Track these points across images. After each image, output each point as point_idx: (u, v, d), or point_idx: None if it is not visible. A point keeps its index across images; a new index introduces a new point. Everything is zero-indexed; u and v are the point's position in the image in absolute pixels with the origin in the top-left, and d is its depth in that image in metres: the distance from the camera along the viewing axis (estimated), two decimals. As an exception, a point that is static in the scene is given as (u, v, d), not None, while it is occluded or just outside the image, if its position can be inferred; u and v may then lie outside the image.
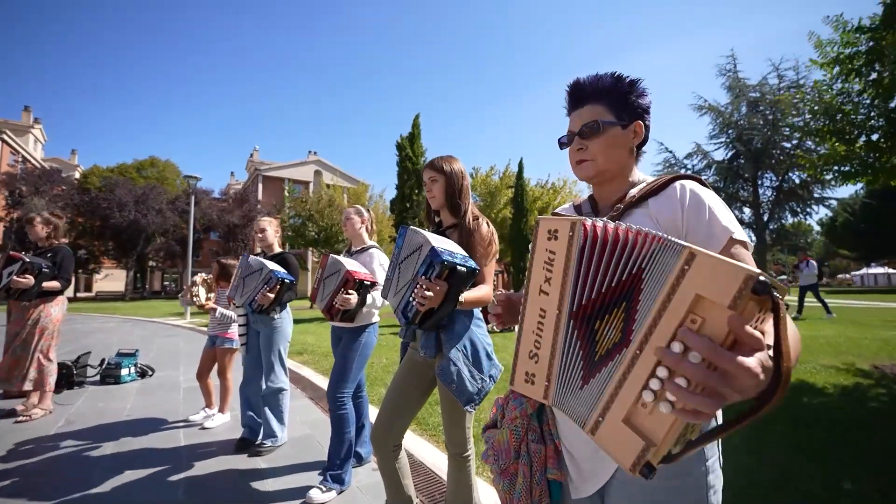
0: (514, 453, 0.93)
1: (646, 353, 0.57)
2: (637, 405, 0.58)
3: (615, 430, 0.59)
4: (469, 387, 1.62)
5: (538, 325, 0.72)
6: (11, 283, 3.29)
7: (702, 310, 0.52)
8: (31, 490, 2.28)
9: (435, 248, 1.46)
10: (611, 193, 0.95)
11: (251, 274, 2.73)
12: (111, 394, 4.31)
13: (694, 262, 0.53)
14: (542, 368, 0.71)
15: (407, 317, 1.56)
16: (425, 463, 2.61)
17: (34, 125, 35.61)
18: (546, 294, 0.71)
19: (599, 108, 0.91)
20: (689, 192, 0.83)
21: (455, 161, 1.87)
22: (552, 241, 0.70)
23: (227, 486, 2.37)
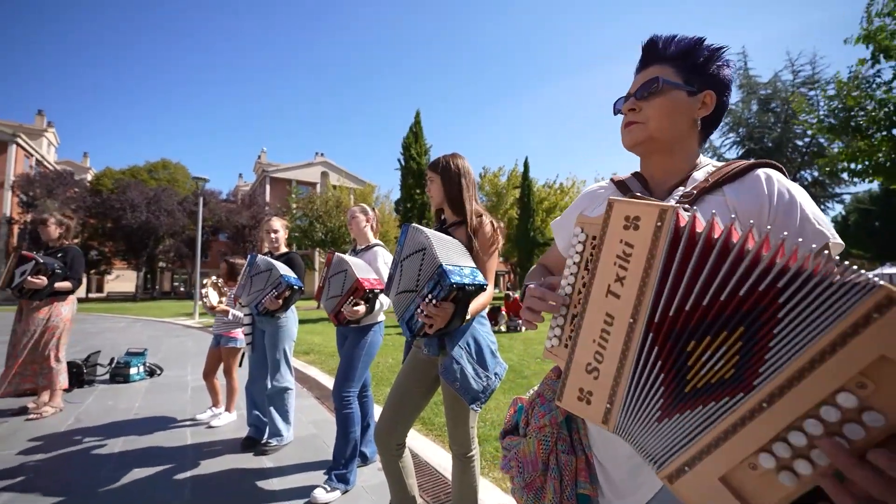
0: (542, 465, 0.84)
1: (777, 411, 0.44)
2: (745, 464, 0.46)
3: (705, 487, 0.49)
4: (474, 385, 1.60)
5: (601, 334, 0.60)
6: (25, 283, 3.34)
7: (878, 373, 0.39)
8: (41, 487, 2.30)
9: (444, 268, 1.41)
10: (664, 171, 0.84)
11: (258, 274, 2.73)
12: (120, 392, 4.36)
13: (889, 312, 0.38)
14: (603, 387, 0.60)
15: (412, 329, 1.55)
16: (431, 463, 2.59)
17: (47, 129, 36.23)
18: (616, 297, 0.59)
19: (667, 69, 0.81)
20: (778, 185, 0.72)
21: (455, 158, 1.84)
22: (630, 230, 0.57)
23: (233, 484, 2.37)
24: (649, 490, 0.72)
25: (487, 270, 1.72)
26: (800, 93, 11.71)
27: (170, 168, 39.71)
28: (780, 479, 0.44)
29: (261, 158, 45.96)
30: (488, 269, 1.73)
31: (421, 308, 1.47)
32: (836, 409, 0.40)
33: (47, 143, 36.02)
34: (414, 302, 1.54)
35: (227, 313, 3.39)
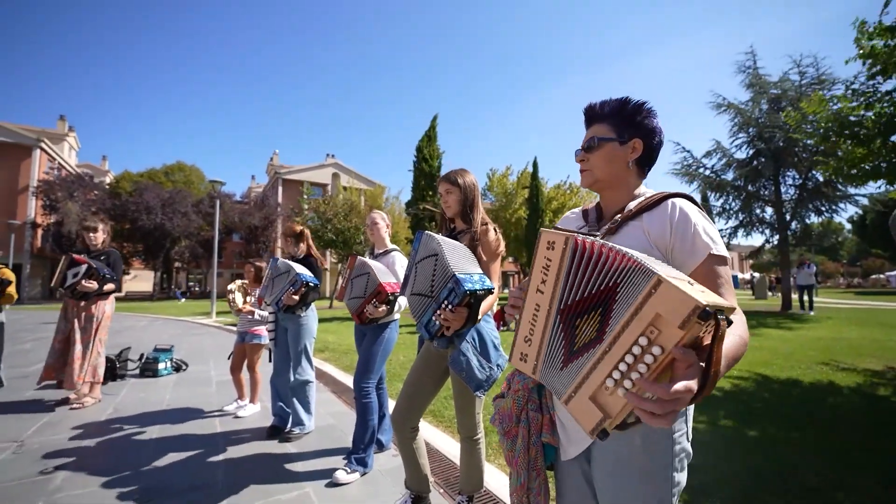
0: (516, 419, 1.11)
1: (614, 350, 0.71)
2: (602, 387, 0.72)
3: (583, 404, 0.75)
4: (478, 374, 1.80)
5: (533, 317, 0.88)
6: (79, 287, 3.66)
7: (660, 324, 0.66)
8: (91, 467, 2.57)
9: (458, 277, 1.60)
10: (613, 202, 1.09)
11: (280, 275, 2.98)
12: (150, 386, 4.66)
13: (660, 287, 0.66)
14: (533, 350, 0.88)
15: (430, 332, 1.74)
16: (440, 450, 2.80)
17: (69, 133, 37.36)
18: (541, 293, 0.86)
19: (603, 127, 1.05)
20: (679, 210, 0.94)
21: (468, 174, 2.06)
22: (550, 250, 0.85)
23: (261, 467, 2.61)
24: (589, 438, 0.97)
25: (493, 273, 1.93)
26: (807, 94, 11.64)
27: (185, 170, 40.63)
28: (619, 392, 0.70)
29: (273, 160, 46.67)
30: (494, 272, 1.94)
31: (439, 313, 1.67)
32: (638, 346, 0.68)
33: (68, 148, 37.12)
34: (430, 307, 1.72)
35: (253, 314, 3.64)
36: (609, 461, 0.96)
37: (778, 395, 4.04)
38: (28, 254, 28.29)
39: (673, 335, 0.64)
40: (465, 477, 1.96)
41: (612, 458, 0.95)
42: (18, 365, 5.66)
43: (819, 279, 28.58)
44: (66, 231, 26.87)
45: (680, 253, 0.93)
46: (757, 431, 3.10)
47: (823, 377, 4.75)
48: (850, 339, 7.50)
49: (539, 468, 1.09)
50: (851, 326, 9.24)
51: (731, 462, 2.60)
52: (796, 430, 3.14)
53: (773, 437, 3.00)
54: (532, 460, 1.07)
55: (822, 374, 4.91)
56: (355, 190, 24.09)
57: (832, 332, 8.32)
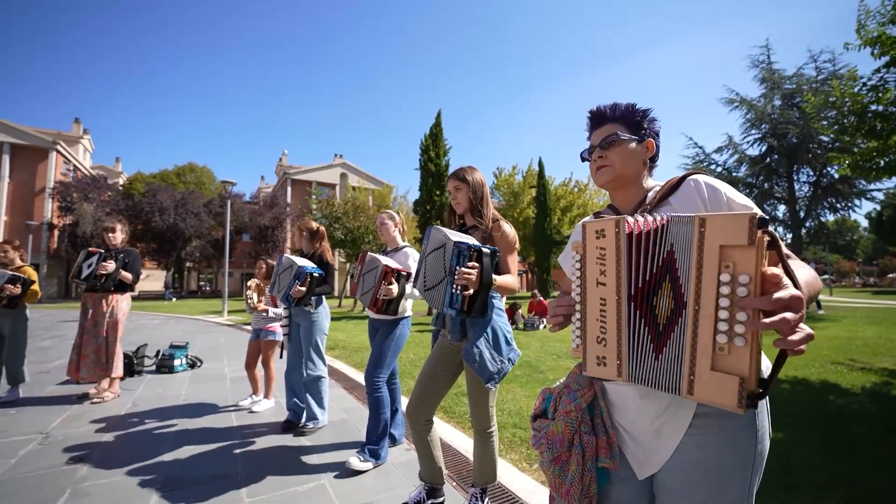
0: (567, 443, 1.00)
1: (703, 305, 0.67)
2: (716, 352, 0.67)
3: (709, 380, 0.67)
4: (490, 367, 1.83)
5: (601, 313, 0.82)
6: (100, 268, 3.81)
7: (730, 257, 0.65)
8: (114, 460, 2.65)
9: (457, 241, 1.69)
10: (628, 199, 1.10)
11: (284, 271, 3.05)
12: (167, 381, 4.76)
13: (707, 224, 0.67)
14: (611, 350, 0.80)
15: (455, 308, 1.71)
16: (453, 445, 2.83)
17: (83, 135, 38.11)
18: (603, 285, 0.82)
19: (618, 126, 1.08)
20: (705, 185, 0.95)
21: (476, 171, 2.10)
22: (600, 238, 0.82)
23: (278, 459, 2.67)
24: (669, 448, 0.90)
25: (511, 266, 1.96)
26: (824, 89, 11.43)
27: (197, 171, 41.21)
28: (736, 343, 0.65)
29: (282, 161, 47.15)
30: (511, 265, 1.97)
31: (456, 282, 1.67)
32: (725, 286, 0.66)
33: (83, 150, 37.87)
34: (448, 284, 1.72)
35: (268, 311, 3.72)
36: (686, 472, 0.89)
37: (790, 394, 4.01)
38: (45, 254, 28.94)
39: (748, 257, 0.63)
40: (478, 470, 1.99)
41: (691, 467, 0.88)
42: (39, 361, 5.82)
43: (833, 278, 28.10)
44: (82, 232, 27.44)
45: None
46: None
47: (837, 376, 4.70)
48: (866, 338, 7.38)
49: (591, 496, 0.99)
50: (867, 326, 9.09)
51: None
52: (807, 428, 3.12)
53: (784, 435, 2.99)
54: (585, 488, 0.98)
55: (836, 373, 4.85)
56: (364, 190, 24.21)
57: (847, 332, 8.20)
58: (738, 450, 0.86)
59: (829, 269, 40.37)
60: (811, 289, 0.76)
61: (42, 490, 2.24)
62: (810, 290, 0.75)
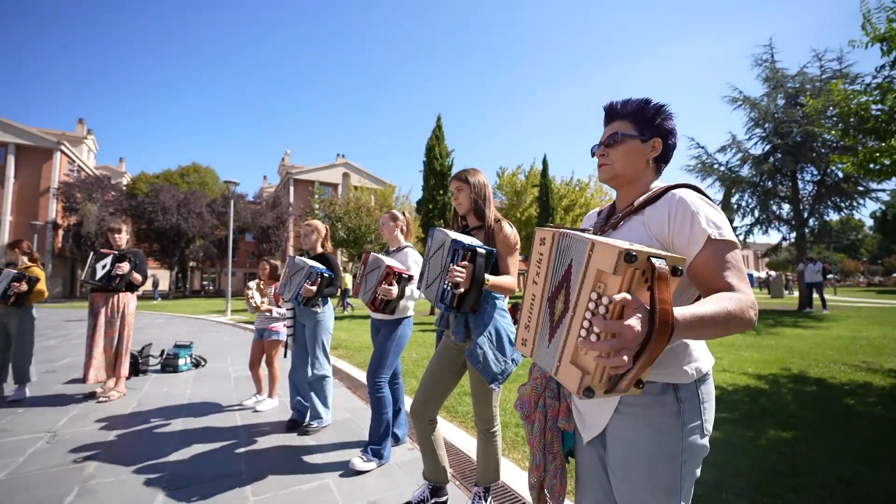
0: (534, 405, 1.19)
1: (577, 314, 0.80)
2: (578, 349, 0.80)
3: (567, 369, 0.82)
4: (493, 367, 1.84)
5: (531, 305, 0.99)
6: (116, 268, 3.87)
7: (603, 279, 0.76)
8: (121, 456, 2.68)
9: (454, 239, 1.73)
10: (627, 199, 1.11)
11: (297, 272, 3.07)
12: (171, 381, 4.80)
13: (595, 248, 0.78)
14: (530, 335, 0.98)
15: (445, 303, 1.80)
16: (455, 445, 2.85)
17: (87, 136, 38.29)
18: (536, 284, 0.97)
19: (624, 124, 1.09)
20: (678, 200, 0.94)
21: (478, 173, 2.11)
22: (541, 245, 0.97)
23: (282, 458, 2.69)
24: (601, 421, 1.03)
25: (511, 266, 1.97)
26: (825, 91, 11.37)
27: (200, 171, 41.30)
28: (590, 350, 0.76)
29: (284, 161, 47.25)
30: (511, 266, 1.98)
31: (447, 279, 1.74)
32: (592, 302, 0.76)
33: (87, 150, 38.05)
34: (442, 279, 1.81)
35: (271, 312, 3.74)
36: (620, 447, 0.99)
37: (794, 394, 4.00)
38: (50, 254, 29.12)
39: (614, 283, 0.73)
40: (481, 469, 2.00)
41: (623, 444, 0.98)
42: (45, 360, 5.87)
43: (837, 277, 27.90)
44: (86, 232, 27.58)
45: (679, 242, 0.93)
46: (772, 429, 3.09)
47: (842, 376, 4.69)
48: (871, 337, 7.35)
49: (556, 452, 1.15)
50: (872, 325, 9.05)
51: (745, 458, 2.60)
52: (813, 428, 3.12)
53: (790, 435, 2.99)
54: (548, 444, 1.15)
55: (841, 373, 4.84)
56: (366, 189, 24.27)
57: (851, 332, 8.16)
58: (664, 439, 0.94)
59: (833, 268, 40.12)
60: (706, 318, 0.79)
61: (50, 488, 2.27)
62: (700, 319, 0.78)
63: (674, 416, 0.94)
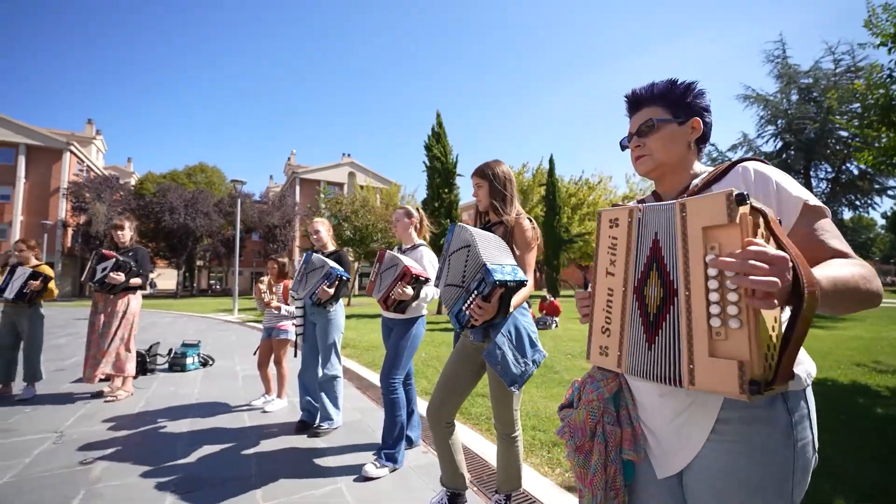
0: (590, 432, 0.98)
1: (694, 292, 0.67)
2: (713, 337, 0.64)
3: (709, 368, 0.64)
4: (513, 369, 1.75)
5: (607, 304, 0.83)
6: (108, 279, 3.75)
7: (714, 238, 0.65)
8: (128, 457, 2.62)
9: (488, 267, 1.56)
10: (673, 186, 1.01)
11: (314, 270, 2.98)
12: (179, 380, 4.75)
13: (687, 207, 0.68)
14: (614, 341, 0.81)
15: (460, 323, 1.71)
16: (471, 448, 2.76)
17: (96, 136, 38.64)
18: (612, 275, 0.82)
19: (655, 109, 0.99)
20: (755, 172, 0.86)
21: (500, 164, 2.01)
22: (614, 228, 0.83)
23: (292, 461, 2.61)
24: (692, 450, 0.85)
25: (527, 265, 1.87)
26: (842, 83, 11.12)
27: (207, 171, 41.53)
28: (731, 325, 0.62)
29: (290, 160, 47.41)
30: (528, 264, 1.88)
31: (469, 303, 1.63)
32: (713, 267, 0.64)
33: (96, 150, 38.41)
34: (462, 298, 1.70)
35: (280, 309, 3.67)
36: (713, 479, 0.82)
37: (817, 395, 3.86)
38: (59, 253, 29.41)
39: (732, 235, 0.62)
40: (502, 475, 1.91)
41: (718, 475, 0.82)
42: (54, 359, 5.86)
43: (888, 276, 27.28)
44: (95, 231, 27.83)
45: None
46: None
47: (864, 378, 4.53)
48: (891, 338, 7.16)
49: (618, 488, 0.96)
50: (891, 326, 8.83)
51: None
52: (833, 430, 2.99)
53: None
54: (610, 480, 0.95)
55: (862, 374, 4.69)
56: (371, 189, 24.22)
57: (871, 332, 7.96)
58: (773, 462, 0.78)
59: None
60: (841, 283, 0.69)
61: (56, 490, 2.21)
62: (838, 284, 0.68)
63: (784, 432, 0.79)
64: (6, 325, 4.02)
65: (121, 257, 3.83)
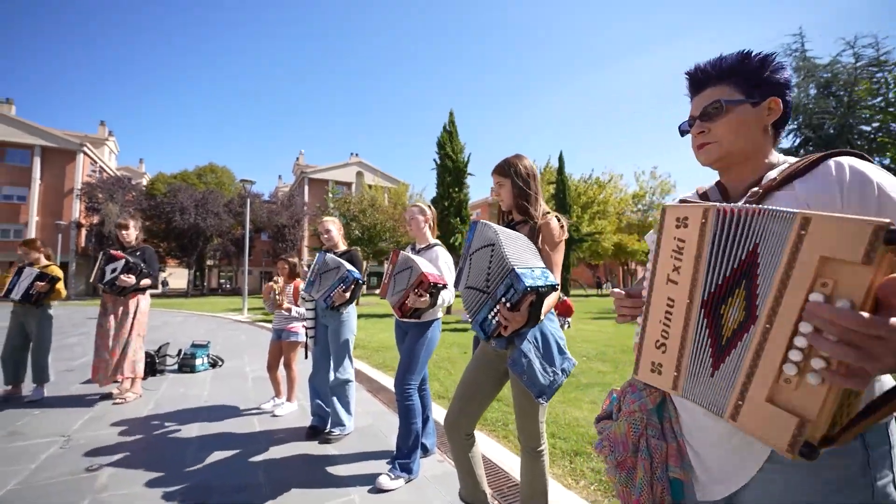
0: (633, 447, 0.91)
1: (777, 326, 0.55)
2: (779, 382, 0.55)
3: (760, 412, 0.57)
4: (541, 379, 1.62)
5: (666, 315, 0.71)
6: (118, 281, 3.69)
7: (831, 272, 0.51)
8: (135, 464, 2.54)
9: (517, 272, 1.40)
10: (743, 178, 0.87)
11: (328, 271, 2.87)
12: (188, 381, 4.69)
13: (810, 226, 0.53)
14: (670, 358, 0.70)
15: (486, 332, 1.55)
16: (487, 456, 2.63)
17: (108, 138, 39.18)
18: (675, 283, 0.70)
19: (724, 89, 0.85)
20: (850, 170, 0.71)
21: (521, 160, 1.87)
22: (681, 228, 0.69)
23: (303, 469, 2.51)
24: (742, 477, 0.75)
25: (555, 265, 1.74)
26: (863, 76, 10.77)
27: (217, 172, 41.90)
28: (808, 380, 0.52)
29: (299, 160, 47.64)
30: (556, 264, 1.74)
31: (496, 311, 1.49)
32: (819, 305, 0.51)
33: (108, 151, 38.95)
34: (486, 305, 1.54)
35: (290, 311, 3.58)
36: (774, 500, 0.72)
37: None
38: (73, 253, 29.86)
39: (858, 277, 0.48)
40: (527, 491, 1.78)
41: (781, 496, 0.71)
42: (65, 359, 5.86)
43: None
44: (108, 231, 28.20)
45: None
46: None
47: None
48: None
49: None
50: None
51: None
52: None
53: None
54: (657, 499, 0.86)
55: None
56: (379, 188, 24.20)
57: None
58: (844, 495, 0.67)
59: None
60: None
61: (61, 498, 2.14)
62: None
63: (859, 469, 0.68)
64: (15, 326, 3.99)
65: (131, 259, 3.77)
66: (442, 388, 4.27)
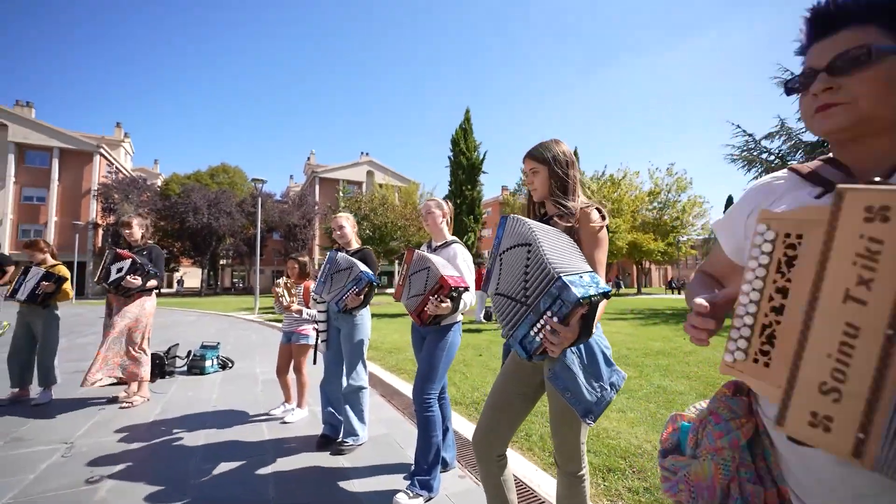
0: (721, 493, 0.72)
1: None
2: None
3: None
4: (587, 395, 1.40)
5: (841, 348, 0.50)
6: (124, 282, 3.56)
7: None
8: (138, 475, 2.39)
9: (564, 281, 1.16)
10: (877, 156, 0.66)
11: (339, 272, 2.68)
12: (198, 384, 4.57)
13: None
14: (848, 411, 0.49)
15: (527, 351, 1.30)
16: (514, 473, 2.42)
17: (124, 139, 39.86)
18: (860, 303, 0.49)
19: (870, 30, 0.63)
20: None
21: (558, 145, 1.63)
22: (876, 223, 0.48)
23: (314, 484, 2.33)
24: None
25: (598, 264, 1.51)
26: None
27: (229, 172, 42.32)
28: None
29: (310, 160, 47.91)
30: (599, 264, 1.51)
31: (540, 327, 1.24)
32: None
33: (124, 153, 39.61)
34: (526, 319, 1.29)
35: (301, 313, 3.41)
36: None
37: None
38: (90, 252, 30.43)
39: None
40: (566, 521, 1.57)
41: None
42: (75, 359, 5.80)
43: None
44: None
45: None
46: None
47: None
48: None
49: None
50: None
51: None
52: None
53: None
54: None
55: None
56: (390, 187, 24.09)
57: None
58: None
59: None
60: None
61: (56, 516, 1.99)
62: None
63: None
64: (22, 327, 3.90)
65: (138, 259, 3.64)
66: (458, 393, 4.06)
